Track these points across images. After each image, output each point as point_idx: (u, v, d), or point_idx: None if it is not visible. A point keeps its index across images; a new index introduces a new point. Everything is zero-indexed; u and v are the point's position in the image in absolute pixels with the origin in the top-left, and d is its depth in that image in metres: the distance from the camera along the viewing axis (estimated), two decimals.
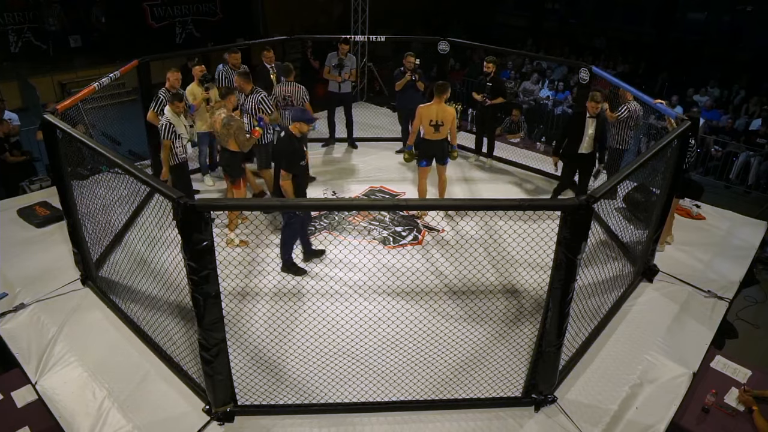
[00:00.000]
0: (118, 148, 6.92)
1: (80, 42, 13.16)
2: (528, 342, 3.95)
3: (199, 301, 3.08)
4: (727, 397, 3.84)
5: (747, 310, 5.85)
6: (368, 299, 4.29)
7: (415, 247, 5.47)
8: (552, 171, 7.21)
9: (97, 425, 3.43)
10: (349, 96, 7.78)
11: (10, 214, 5.68)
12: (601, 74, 6.49)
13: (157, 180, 3.26)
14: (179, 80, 6.03)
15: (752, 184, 9.33)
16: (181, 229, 2.90)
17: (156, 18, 13.70)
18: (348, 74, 7.53)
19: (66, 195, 4.31)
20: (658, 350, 4.15)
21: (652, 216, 4.77)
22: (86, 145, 3.80)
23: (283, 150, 4.69)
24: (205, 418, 3.48)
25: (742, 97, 11.20)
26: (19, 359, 3.94)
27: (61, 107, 4.25)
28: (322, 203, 4.86)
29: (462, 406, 3.65)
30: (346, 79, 7.54)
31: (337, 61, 7.41)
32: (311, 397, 3.65)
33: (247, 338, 4.01)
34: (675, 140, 4.25)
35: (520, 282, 4.41)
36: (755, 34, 13.88)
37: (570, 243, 3.12)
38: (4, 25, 11.96)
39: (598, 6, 16.98)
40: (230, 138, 5.23)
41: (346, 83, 7.57)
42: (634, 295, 4.79)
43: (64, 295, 4.53)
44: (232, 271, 3.60)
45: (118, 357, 3.95)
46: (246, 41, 9.26)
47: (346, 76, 7.51)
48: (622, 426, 3.55)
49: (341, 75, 7.46)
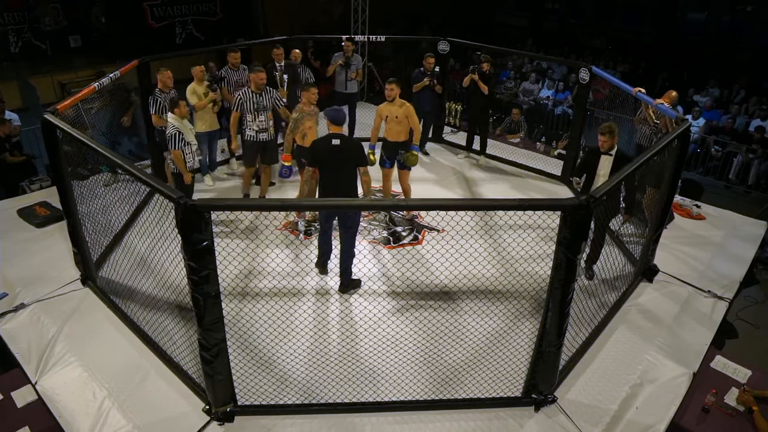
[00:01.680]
0: (118, 148, 6.92)
1: (80, 42, 13.17)
2: (528, 342, 3.95)
3: (199, 301, 3.08)
4: (727, 397, 3.84)
5: (747, 310, 5.86)
6: (368, 299, 4.29)
7: (415, 247, 5.47)
8: (552, 171, 7.24)
9: (97, 425, 3.43)
10: (354, 96, 7.79)
11: (10, 214, 5.68)
12: (601, 74, 6.49)
13: (157, 180, 3.26)
14: (171, 78, 6.05)
15: (752, 184, 9.33)
16: (181, 229, 2.90)
17: (156, 18, 13.71)
18: (354, 74, 7.53)
19: (66, 195, 4.31)
20: (658, 350, 4.16)
21: (652, 216, 4.78)
22: (86, 145, 3.80)
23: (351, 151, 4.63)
24: (205, 418, 3.48)
25: (742, 97, 11.20)
26: (19, 359, 3.94)
27: (61, 107, 4.25)
28: (322, 203, 4.86)
29: (462, 406, 3.65)
30: (353, 78, 7.53)
31: (344, 60, 7.41)
32: (311, 397, 3.65)
33: (247, 338, 4.01)
34: (675, 140, 4.26)
35: (520, 282, 4.41)
36: (755, 34, 13.88)
37: (570, 243, 3.12)
38: (4, 25, 11.96)
39: (598, 6, 16.97)
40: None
41: (352, 83, 7.57)
42: (634, 295, 4.79)
43: (64, 295, 4.53)
44: (232, 271, 3.60)
45: (118, 357, 3.95)
46: (246, 41, 9.27)
47: (353, 75, 7.51)
48: (622, 426, 3.54)
49: (347, 75, 7.46)
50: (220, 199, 5.91)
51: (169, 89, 6.02)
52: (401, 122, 5.59)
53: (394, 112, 5.59)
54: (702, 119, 10.23)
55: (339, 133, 4.56)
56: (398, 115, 5.57)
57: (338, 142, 4.50)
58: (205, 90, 6.36)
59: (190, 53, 9.81)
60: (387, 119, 5.66)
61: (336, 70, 7.53)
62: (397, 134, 5.67)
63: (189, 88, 6.29)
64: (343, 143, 4.52)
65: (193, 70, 6.39)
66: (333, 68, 7.55)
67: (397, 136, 5.67)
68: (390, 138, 5.72)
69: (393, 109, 5.59)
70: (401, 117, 5.57)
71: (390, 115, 5.61)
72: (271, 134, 6.06)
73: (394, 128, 5.65)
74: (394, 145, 5.72)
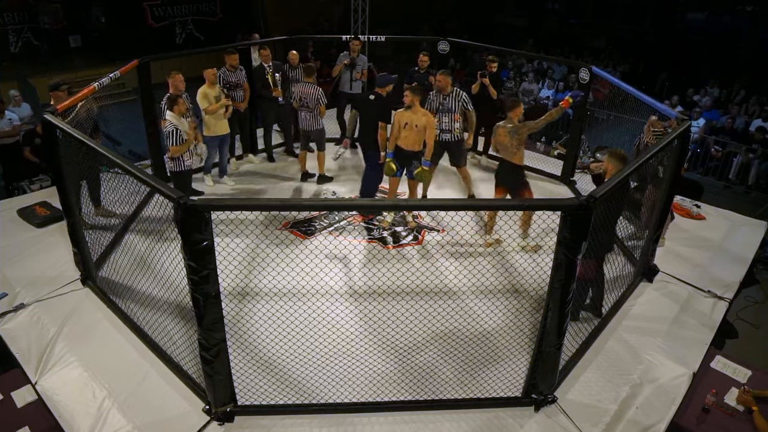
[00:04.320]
0: (118, 148, 6.92)
1: (80, 42, 13.18)
2: (528, 342, 3.95)
3: (199, 301, 3.08)
4: (727, 397, 3.84)
5: (747, 310, 5.86)
6: (368, 299, 4.29)
7: (415, 247, 5.47)
8: (552, 171, 7.24)
9: (97, 425, 3.43)
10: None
11: (10, 214, 5.67)
12: (601, 74, 6.49)
13: (158, 180, 3.26)
14: (183, 82, 5.94)
15: (752, 184, 9.33)
16: (181, 229, 2.90)
17: (156, 18, 13.72)
18: (359, 74, 7.51)
19: (66, 195, 4.31)
20: (658, 350, 4.15)
21: (652, 216, 4.78)
22: (86, 145, 3.80)
23: (380, 107, 5.79)
24: (205, 418, 3.48)
25: (742, 97, 11.20)
26: (19, 359, 3.93)
27: (61, 107, 4.25)
28: (323, 203, 4.86)
29: (462, 406, 3.65)
30: (357, 78, 7.52)
31: (350, 60, 7.40)
32: (311, 397, 3.65)
33: (247, 338, 4.01)
34: (675, 140, 4.26)
35: (520, 282, 4.41)
36: (755, 34, 13.88)
37: (570, 243, 3.12)
38: (4, 25, 11.97)
39: (598, 6, 16.97)
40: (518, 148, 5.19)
41: (357, 83, 7.55)
42: (634, 295, 4.79)
43: (64, 295, 4.53)
44: (232, 271, 3.60)
45: (118, 357, 3.94)
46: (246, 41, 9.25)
47: (357, 75, 7.50)
48: (622, 426, 3.54)
49: (352, 75, 7.45)
50: (220, 198, 5.91)
51: (180, 93, 5.85)
52: (420, 131, 5.45)
53: (415, 121, 5.41)
54: (702, 119, 10.23)
55: (376, 92, 5.86)
56: (418, 124, 5.41)
57: (373, 97, 5.84)
58: (216, 93, 6.25)
59: (190, 53, 9.83)
60: (406, 126, 5.47)
61: (341, 69, 7.52)
62: (413, 143, 5.51)
63: (200, 91, 6.16)
64: (375, 99, 5.82)
65: (205, 73, 6.24)
66: (339, 69, 7.54)
67: (413, 145, 5.51)
68: (405, 146, 5.55)
69: (414, 117, 5.42)
70: (421, 126, 5.42)
71: (410, 122, 5.44)
72: (455, 135, 6.12)
73: (410, 136, 5.50)
74: (406, 154, 5.58)
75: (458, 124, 6.12)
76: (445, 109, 6.06)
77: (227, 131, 6.53)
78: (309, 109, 6.41)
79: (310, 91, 6.36)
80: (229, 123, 6.90)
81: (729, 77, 12.00)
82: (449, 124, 6.08)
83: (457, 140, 6.18)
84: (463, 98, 6.10)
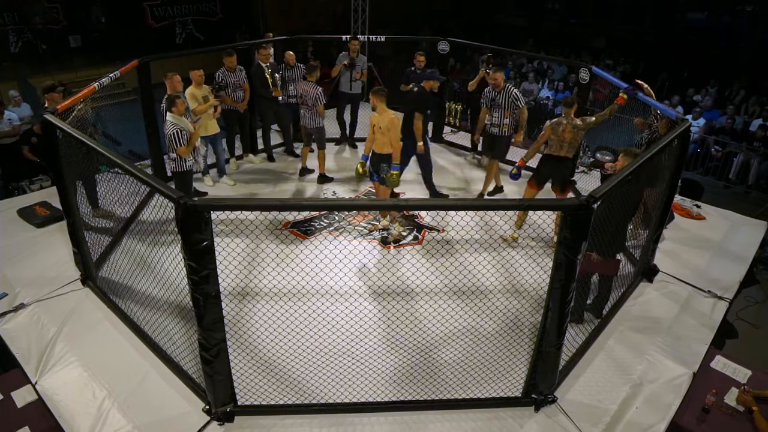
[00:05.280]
0: (118, 148, 6.91)
1: (80, 42, 13.18)
2: (528, 342, 3.95)
3: (199, 301, 3.08)
4: (727, 397, 3.84)
5: (747, 310, 5.86)
6: (368, 299, 4.29)
7: (415, 247, 5.47)
8: None
9: (97, 425, 3.43)
10: (358, 96, 7.78)
11: (10, 214, 5.67)
12: (601, 74, 6.49)
13: (158, 180, 3.26)
14: (180, 82, 5.96)
15: (752, 184, 9.33)
16: (181, 229, 2.90)
17: (156, 18, 13.72)
18: (359, 74, 7.52)
19: (66, 195, 4.31)
20: (658, 350, 4.15)
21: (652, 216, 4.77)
22: (86, 145, 3.80)
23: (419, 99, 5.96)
24: (205, 418, 3.48)
25: (742, 97, 11.20)
26: (19, 359, 3.93)
27: (61, 107, 4.24)
28: (323, 203, 4.86)
29: (462, 406, 3.65)
30: (357, 78, 7.53)
31: (349, 60, 7.40)
32: (311, 397, 3.65)
33: (247, 338, 4.01)
34: (675, 140, 4.25)
35: (520, 282, 4.41)
36: (755, 34, 13.89)
37: (570, 243, 3.11)
38: (4, 25, 11.96)
39: (597, 6, 16.98)
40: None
41: (356, 83, 7.56)
42: (634, 295, 4.79)
43: (64, 295, 4.53)
44: (232, 271, 3.60)
45: (118, 357, 3.94)
46: (246, 41, 9.26)
47: (357, 75, 7.50)
48: (622, 426, 3.54)
49: (352, 75, 7.45)
50: (220, 198, 5.90)
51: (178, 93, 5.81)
52: (385, 133, 5.33)
53: (380, 122, 5.33)
54: (702, 119, 10.23)
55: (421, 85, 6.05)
56: (382, 125, 5.31)
57: (416, 89, 6.04)
58: (204, 93, 6.27)
59: (190, 53, 9.83)
60: (375, 129, 5.41)
61: (341, 70, 7.52)
62: (382, 145, 5.41)
63: (188, 91, 6.17)
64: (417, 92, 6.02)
65: (191, 74, 6.28)
66: (338, 69, 7.54)
67: (382, 147, 5.42)
68: (376, 149, 5.49)
69: (379, 119, 5.34)
70: (384, 128, 5.31)
71: (376, 124, 5.36)
72: (503, 131, 6.25)
73: (379, 139, 5.40)
74: (377, 158, 5.52)
75: (508, 120, 6.20)
76: (496, 105, 6.19)
77: (217, 131, 6.58)
78: (308, 107, 6.46)
79: (309, 89, 6.40)
80: (229, 123, 6.91)
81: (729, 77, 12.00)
82: (499, 119, 6.21)
83: (503, 135, 6.29)
84: (513, 95, 6.17)
